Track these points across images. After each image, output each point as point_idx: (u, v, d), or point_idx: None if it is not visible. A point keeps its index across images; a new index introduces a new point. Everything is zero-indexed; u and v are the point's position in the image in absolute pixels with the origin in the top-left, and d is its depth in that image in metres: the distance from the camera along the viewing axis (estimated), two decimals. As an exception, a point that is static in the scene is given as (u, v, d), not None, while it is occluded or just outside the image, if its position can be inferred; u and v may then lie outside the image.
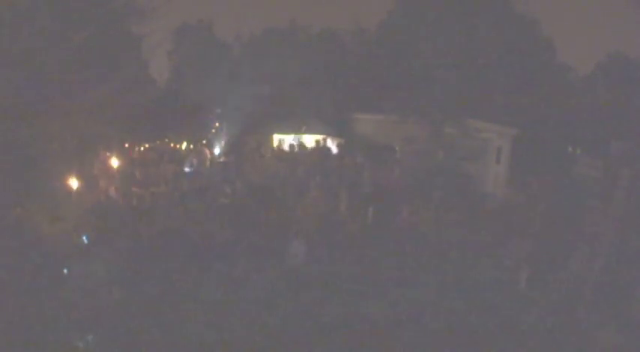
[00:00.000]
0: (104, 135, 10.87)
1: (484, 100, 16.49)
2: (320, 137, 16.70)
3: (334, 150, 16.14)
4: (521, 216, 10.04)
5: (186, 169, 14.25)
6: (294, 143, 16.30)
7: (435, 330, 6.58)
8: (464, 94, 15.49)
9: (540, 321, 6.71)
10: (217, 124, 20.57)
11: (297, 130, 17.64)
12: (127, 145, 16.96)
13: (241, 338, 6.41)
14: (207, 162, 15.28)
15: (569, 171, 14.65)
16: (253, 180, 12.18)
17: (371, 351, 6.28)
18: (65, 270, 7.67)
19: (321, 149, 15.75)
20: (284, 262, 8.73)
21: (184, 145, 20.49)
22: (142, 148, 18.68)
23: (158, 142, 20.81)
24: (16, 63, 8.27)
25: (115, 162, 13.14)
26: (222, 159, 16.21)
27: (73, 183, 9.69)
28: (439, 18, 15.90)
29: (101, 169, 12.74)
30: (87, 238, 8.70)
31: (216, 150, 18.14)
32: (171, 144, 20.90)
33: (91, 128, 9.81)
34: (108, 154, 13.67)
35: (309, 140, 16.81)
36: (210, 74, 20.86)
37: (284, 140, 17.15)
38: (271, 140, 17.87)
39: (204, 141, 19.76)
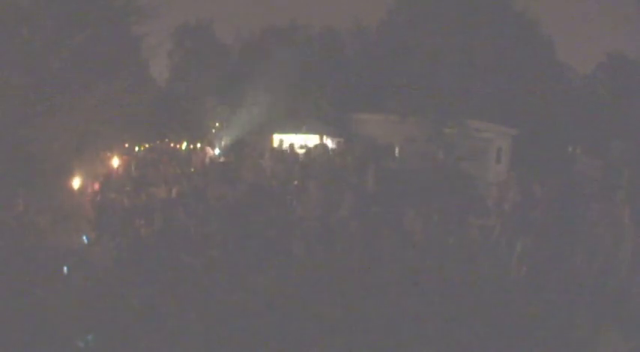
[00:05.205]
0: (104, 135, 10.89)
1: (484, 100, 16.51)
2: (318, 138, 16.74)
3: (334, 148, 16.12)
4: (521, 215, 10.02)
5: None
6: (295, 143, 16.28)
7: (435, 330, 6.58)
8: (464, 94, 15.51)
9: (540, 321, 6.71)
10: (217, 124, 20.59)
11: (297, 130, 17.64)
12: (126, 145, 16.98)
13: (241, 338, 6.41)
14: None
15: (569, 171, 14.64)
16: (253, 180, 12.17)
17: (371, 351, 6.28)
18: (65, 270, 7.67)
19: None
20: (284, 262, 8.72)
21: (184, 145, 20.52)
22: (142, 148, 18.72)
23: (158, 142, 20.86)
24: (17, 63, 8.29)
25: (115, 162, 13.15)
26: (222, 159, 16.21)
27: (74, 182, 9.69)
28: (439, 18, 15.93)
29: (101, 169, 12.74)
30: (87, 238, 8.69)
31: (216, 151, 18.14)
32: (172, 144, 20.95)
33: (91, 128, 9.84)
34: (108, 154, 13.68)
35: (311, 140, 16.82)
36: (210, 74, 20.89)
37: (284, 140, 17.14)
38: (271, 140, 17.87)
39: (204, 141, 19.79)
